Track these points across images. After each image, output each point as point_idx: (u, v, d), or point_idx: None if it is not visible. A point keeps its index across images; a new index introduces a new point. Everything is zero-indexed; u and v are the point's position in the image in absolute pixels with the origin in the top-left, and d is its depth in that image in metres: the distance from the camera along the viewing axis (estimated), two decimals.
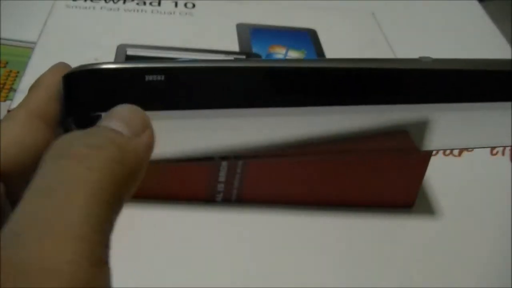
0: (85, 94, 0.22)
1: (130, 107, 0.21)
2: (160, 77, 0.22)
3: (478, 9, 0.75)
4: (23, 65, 0.45)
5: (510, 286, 0.42)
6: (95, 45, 0.49)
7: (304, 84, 0.23)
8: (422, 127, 0.25)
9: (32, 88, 0.23)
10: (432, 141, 0.26)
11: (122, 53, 0.48)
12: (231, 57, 0.50)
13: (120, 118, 0.20)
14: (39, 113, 0.21)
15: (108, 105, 0.22)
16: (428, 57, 0.25)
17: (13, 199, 0.20)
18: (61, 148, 0.19)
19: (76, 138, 0.19)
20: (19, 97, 0.42)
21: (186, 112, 0.22)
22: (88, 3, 0.54)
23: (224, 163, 0.43)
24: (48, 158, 0.18)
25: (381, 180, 0.45)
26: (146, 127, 0.21)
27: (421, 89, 0.25)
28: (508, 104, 0.25)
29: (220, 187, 0.44)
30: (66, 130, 0.22)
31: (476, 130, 0.26)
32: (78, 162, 0.18)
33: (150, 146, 0.21)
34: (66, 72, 0.22)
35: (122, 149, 0.19)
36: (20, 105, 0.22)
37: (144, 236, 0.41)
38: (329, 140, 0.24)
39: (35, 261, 0.16)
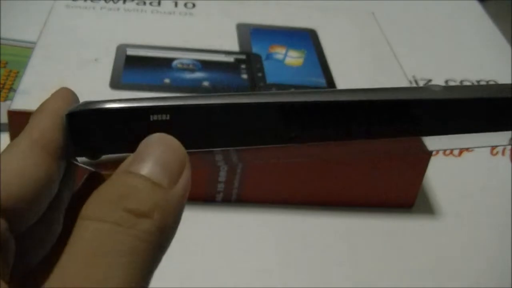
0: (88, 134, 0.21)
1: (165, 141, 0.20)
2: (166, 117, 0.21)
3: (478, 9, 0.75)
4: (23, 65, 0.45)
5: (510, 286, 0.42)
6: (95, 45, 0.48)
7: (316, 120, 0.22)
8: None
9: (35, 115, 0.22)
10: (434, 141, 0.25)
11: (122, 53, 0.48)
12: (231, 57, 0.50)
13: (156, 162, 0.19)
14: (43, 143, 0.21)
15: (112, 146, 0.21)
16: (438, 85, 0.24)
17: (16, 233, 0.19)
18: (103, 211, 0.18)
19: (117, 198, 0.19)
20: (19, 97, 0.42)
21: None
22: (88, 3, 0.54)
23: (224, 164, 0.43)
24: (90, 218, 0.18)
25: (381, 180, 0.45)
26: (184, 167, 0.20)
27: (432, 120, 0.23)
28: None
29: (220, 187, 0.44)
30: (69, 163, 0.22)
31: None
32: (123, 230, 0.18)
33: (187, 190, 0.20)
34: (69, 111, 0.21)
35: (164, 213, 0.19)
36: (23, 133, 0.21)
37: None
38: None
39: None
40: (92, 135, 0.21)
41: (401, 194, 0.46)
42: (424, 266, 0.43)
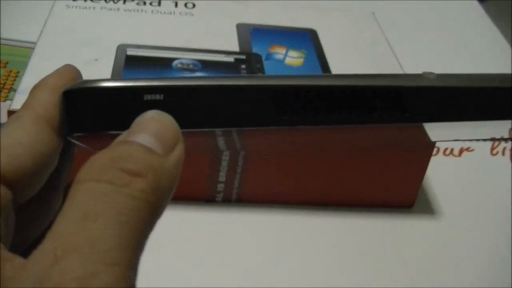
0: (83, 112, 0.22)
1: (159, 117, 0.20)
2: (159, 96, 0.21)
3: (478, 9, 0.75)
4: (23, 65, 0.45)
5: (510, 286, 0.42)
6: (95, 45, 0.48)
7: (305, 104, 0.23)
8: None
9: (36, 89, 0.22)
10: (433, 133, 0.26)
11: (122, 53, 0.48)
12: (231, 57, 0.50)
13: (151, 132, 0.20)
14: (47, 118, 0.21)
15: (106, 124, 0.21)
16: (432, 73, 0.24)
17: (17, 205, 0.20)
18: (97, 172, 0.18)
19: (111, 161, 0.19)
20: (19, 97, 0.42)
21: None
22: (88, 3, 0.54)
23: (225, 163, 0.43)
24: (84, 181, 0.18)
25: (381, 180, 0.45)
26: (178, 140, 0.20)
27: (425, 107, 0.24)
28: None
29: (220, 187, 0.44)
30: (67, 141, 0.22)
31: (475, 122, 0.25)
32: (117, 188, 0.18)
33: (181, 162, 0.20)
34: (65, 89, 0.21)
35: (158, 175, 0.19)
36: (26, 108, 0.21)
37: None
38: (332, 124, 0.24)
39: (74, 283, 0.16)
40: (88, 113, 0.21)
41: (401, 193, 0.46)
42: (424, 266, 0.43)
